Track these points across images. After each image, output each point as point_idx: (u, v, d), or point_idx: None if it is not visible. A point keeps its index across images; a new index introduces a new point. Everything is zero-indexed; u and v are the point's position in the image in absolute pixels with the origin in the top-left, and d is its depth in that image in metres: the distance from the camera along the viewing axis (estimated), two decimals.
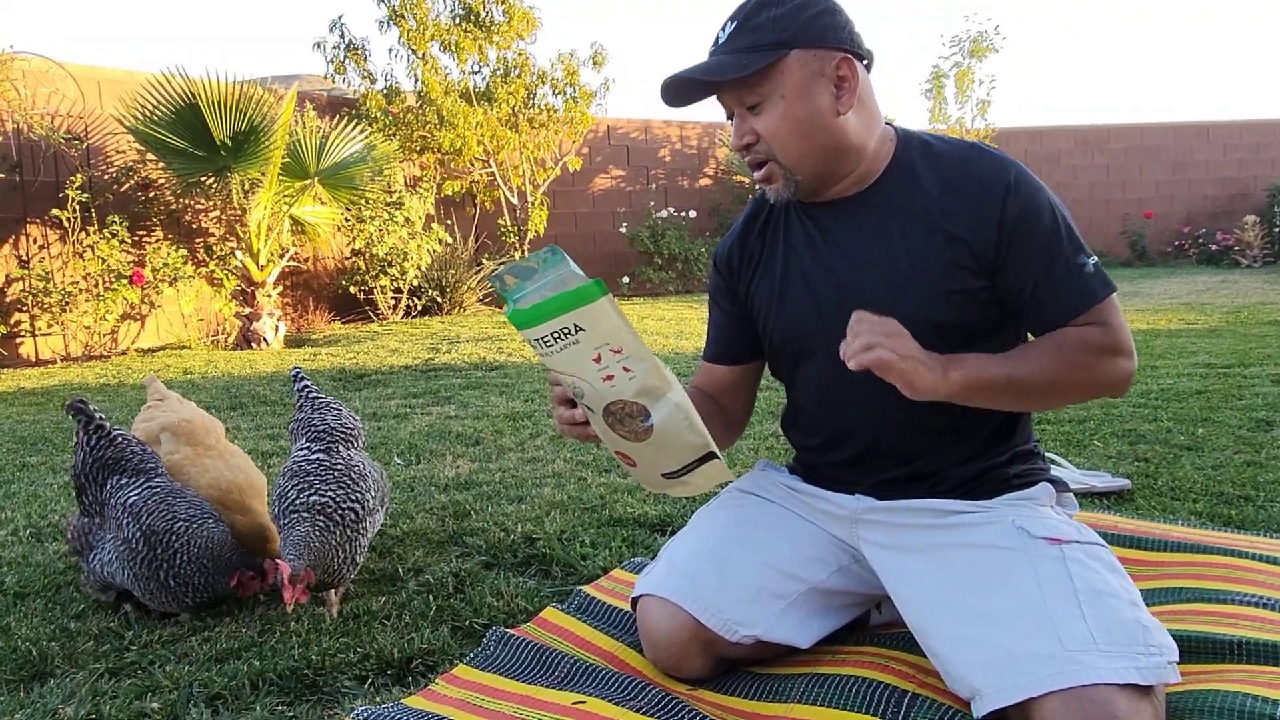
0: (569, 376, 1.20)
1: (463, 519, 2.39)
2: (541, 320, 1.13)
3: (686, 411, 1.23)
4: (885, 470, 1.50)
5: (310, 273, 8.28)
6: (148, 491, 1.85)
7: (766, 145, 1.38)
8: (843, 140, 1.39)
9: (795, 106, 1.35)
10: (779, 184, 1.41)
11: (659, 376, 1.20)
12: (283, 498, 1.84)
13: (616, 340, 1.15)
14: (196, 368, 5.50)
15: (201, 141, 6.31)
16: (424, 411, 3.88)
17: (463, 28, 8.66)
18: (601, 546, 2.13)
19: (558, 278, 1.20)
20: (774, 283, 1.54)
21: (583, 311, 1.12)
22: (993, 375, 1.30)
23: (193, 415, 2.13)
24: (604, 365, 1.17)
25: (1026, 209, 1.35)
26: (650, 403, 1.21)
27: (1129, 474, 2.57)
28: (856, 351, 1.24)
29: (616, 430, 1.25)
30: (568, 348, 1.15)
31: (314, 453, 1.94)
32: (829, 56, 1.35)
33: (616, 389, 1.19)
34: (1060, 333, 1.37)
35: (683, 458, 1.28)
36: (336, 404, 2.10)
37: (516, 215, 9.41)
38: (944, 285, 1.38)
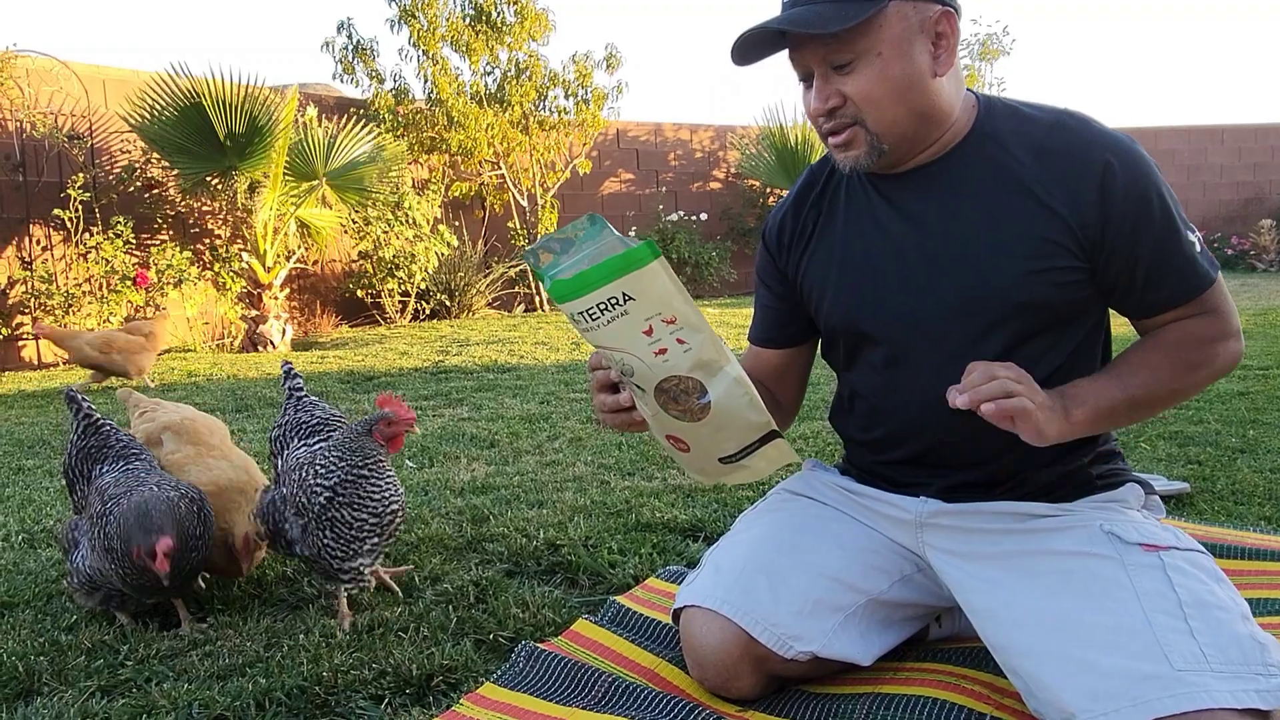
0: (617, 352, 1.09)
1: (481, 524, 2.25)
2: (586, 290, 1.02)
3: (746, 386, 1.12)
4: (954, 473, 1.36)
5: (317, 276, 8.17)
6: (122, 474, 1.73)
7: (855, 109, 1.23)
8: (936, 104, 1.25)
9: (892, 65, 1.20)
10: (860, 151, 1.26)
11: (716, 349, 1.09)
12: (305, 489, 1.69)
13: (669, 309, 1.04)
14: (201, 370, 5.37)
15: (206, 140, 6.20)
16: (435, 413, 3.75)
17: (474, 28, 8.56)
18: (630, 553, 1.99)
19: (598, 249, 1.08)
20: (830, 260, 1.40)
21: (633, 277, 1.01)
22: (1113, 402, 1.20)
23: (195, 415, 2.01)
24: (656, 337, 1.06)
25: (1134, 185, 1.21)
26: (707, 378, 1.10)
27: (1184, 477, 2.43)
28: (993, 393, 1.11)
29: (669, 410, 1.13)
30: (615, 320, 1.04)
31: (314, 446, 1.82)
32: (929, 9, 1.21)
33: (670, 363, 1.08)
34: (1169, 332, 1.26)
35: (742, 438, 1.17)
36: (322, 402, 2.01)
37: (526, 218, 9.29)
38: (1031, 262, 1.24)
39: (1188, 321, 1.25)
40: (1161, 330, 1.27)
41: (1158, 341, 1.26)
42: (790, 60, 1.27)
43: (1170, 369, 1.23)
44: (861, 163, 1.27)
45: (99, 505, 1.66)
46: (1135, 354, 1.27)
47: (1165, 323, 1.27)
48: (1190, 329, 1.25)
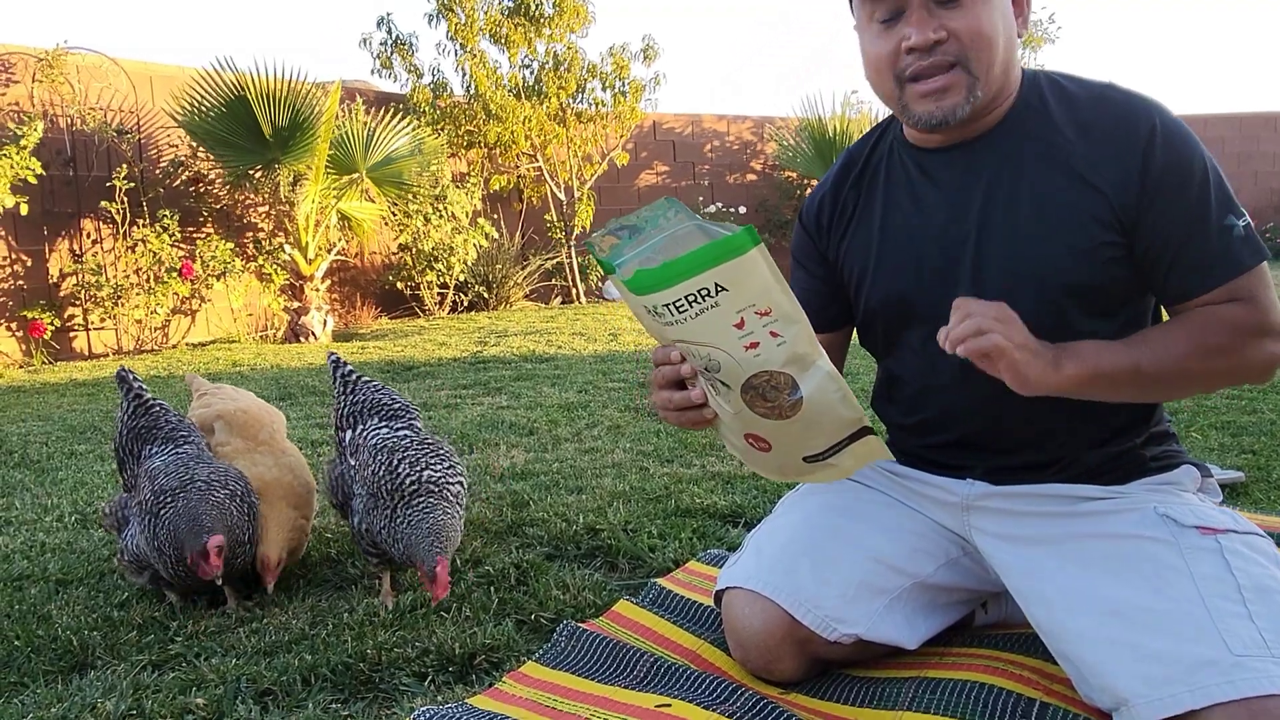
0: (703, 347, 1.01)
1: (521, 509, 2.26)
2: (674, 281, 0.93)
3: (839, 381, 1.04)
4: (1001, 455, 1.33)
5: (357, 268, 8.26)
6: (172, 457, 1.75)
7: (959, 47, 1.17)
8: (1012, 62, 1.23)
9: (998, 5, 1.18)
10: (959, 99, 1.19)
11: (811, 342, 1.01)
12: (392, 472, 1.68)
13: (765, 300, 0.96)
14: (245, 360, 5.46)
15: (249, 133, 6.30)
16: (475, 402, 3.77)
17: (512, 21, 8.58)
18: (670, 538, 1.98)
19: (673, 236, 1.01)
20: (870, 241, 1.38)
21: (729, 267, 0.92)
22: (1114, 365, 1.13)
23: (249, 405, 2.02)
24: (748, 330, 0.98)
25: (1173, 159, 1.17)
26: (799, 372, 1.02)
27: (1238, 467, 2.36)
28: (965, 335, 1.07)
29: (755, 408, 1.06)
30: (704, 312, 0.96)
31: (397, 430, 1.81)
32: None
33: (761, 358, 1.00)
34: (1196, 312, 1.19)
35: (832, 435, 1.09)
36: (389, 387, 1.99)
37: (563, 210, 9.31)
38: (1077, 241, 1.21)
39: (1219, 306, 1.18)
40: (1191, 310, 1.20)
41: (1183, 318, 1.20)
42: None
43: (1187, 346, 1.16)
44: (957, 113, 1.20)
45: (149, 492, 1.69)
46: (1156, 327, 1.22)
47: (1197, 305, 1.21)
48: (1220, 313, 1.17)
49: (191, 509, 1.63)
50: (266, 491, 1.87)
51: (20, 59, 6.19)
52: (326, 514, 2.25)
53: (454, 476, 1.70)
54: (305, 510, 1.94)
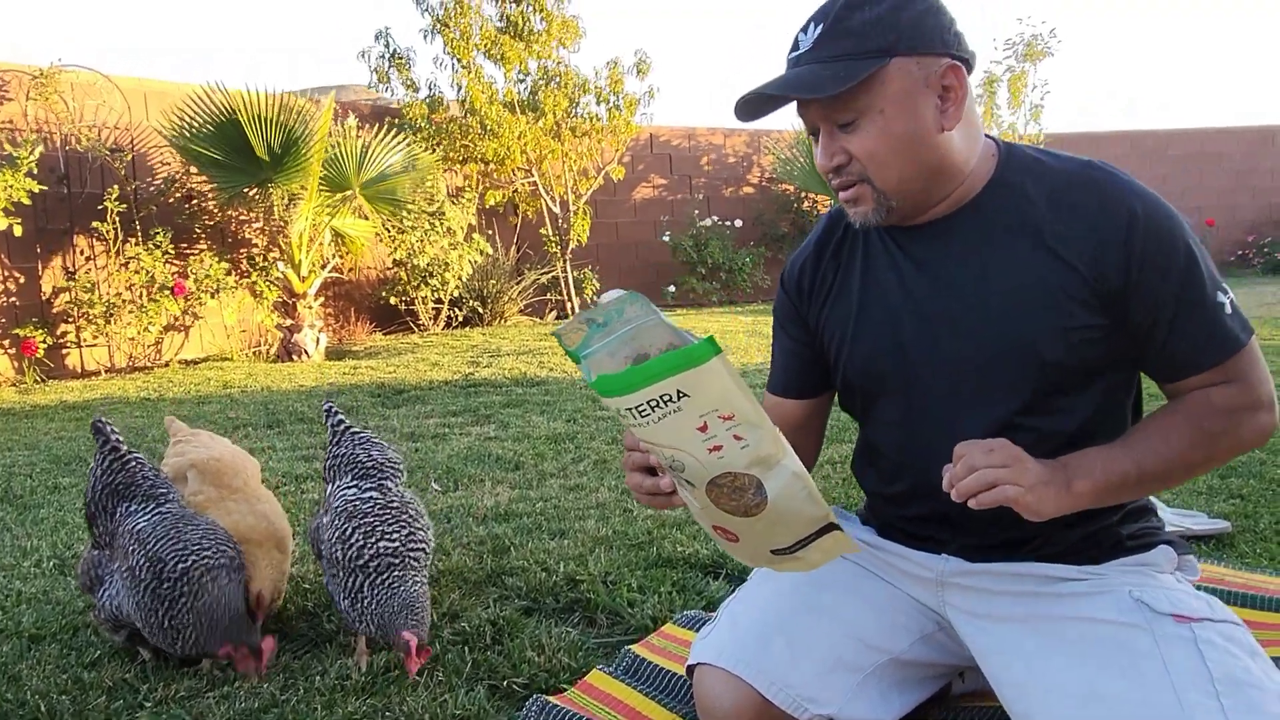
0: (666, 449, 1.02)
1: (501, 555, 2.25)
2: (635, 388, 0.94)
3: (805, 480, 1.04)
4: (977, 531, 1.32)
5: (351, 283, 8.25)
6: (157, 517, 1.74)
7: (860, 167, 1.20)
8: (946, 158, 1.21)
9: (895, 123, 1.17)
10: (868, 208, 1.23)
11: (775, 443, 1.01)
12: (344, 541, 1.69)
13: (727, 406, 0.96)
14: (236, 381, 5.44)
15: (242, 155, 6.28)
16: (463, 432, 3.75)
17: (505, 38, 8.59)
18: (650, 591, 1.97)
19: (639, 332, 1.01)
20: (849, 311, 1.37)
21: (690, 375, 0.93)
22: (1122, 472, 1.14)
23: (223, 454, 2.01)
24: (711, 434, 0.98)
25: (1157, 241, 1.16)
26: (763, 473, 1.03)
27: (1225, 513, 2.35)
28: (974, 489, 1.08)
29: (721, 505, 1.06)
30: (667, 416, 0.97)
31: (365, 491, 1.80)
32: (934, 63, 1.16)
33: (725, 460, 1.01)
34: (1191, 402, 1.19)
35: (798, 532, 1.09)
36: (377, 438, 1.97)
37: (559, 225, 9.31)
38: (1054, 320, 1.20)
39: (1212, 390, 1.18)
40: (1183, 398, 1.21)
41: (1177, 409, 1.20)
42: (798, 114, 1.24)
43: (1187, 439, 1.17)
44: (870, 219, 1.24)
45: (140, 558, 1.66)
46: (1152, 422, 1.21)
47: (1190, 389, 1.21)
48: (1213, 398, 1.18)
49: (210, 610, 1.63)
50: (246, 539, 1.86)
51: (14, 77, 6.18)
52: (305, 562, 2.24)
53: (415, 544, 1.68)
54: (284, 555, 1.93)
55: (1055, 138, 12.03)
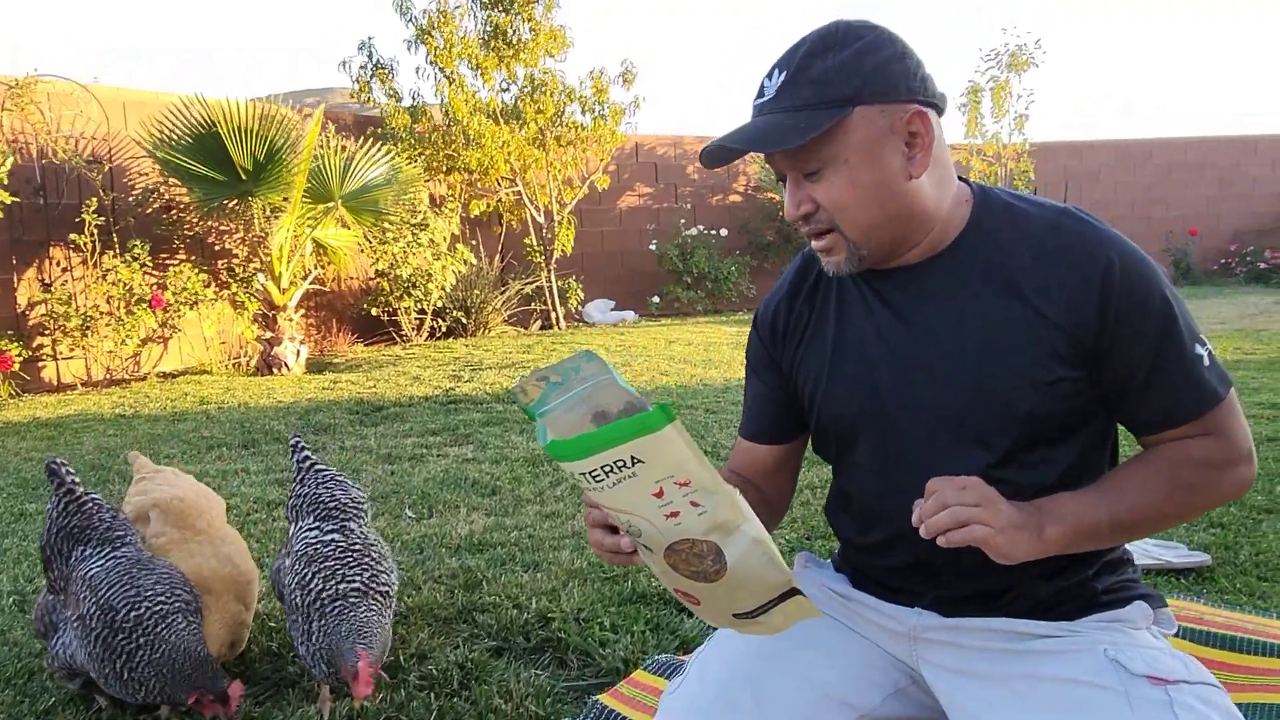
0: (622, 514, 1.01)
1: (473, 590, 2.20)
2: (588, 453, 0.92)
3: (765, 545, 1.03)
4: (951, 583, 1.29)
5: (334, 293, 8.18)
6: (111, 563, 1.68)
7: (828, 215, 1.17)
8: (915, 205, 1.18)
9: (861, 172, 1.14)
10: (840, 256, 1.20)
11: (733, 509, 1.00)
12: (304, 586, 1.65)
13: (683, 472, 0.95)
14: (213, 397, 5.37)
15: (222, 166, 6.22)
16: (440, 453, 3.71)
17: (490, 46, 8.55)
18: (623, 630, 1.93)
19: (594, 392, 1.00)
20: (824, 355, 1.33)
21: (643, 442, 0.92)
22: (1095, 520, 1.11)
23: (186, 493, 1.96)
24: (667, 500, 0.96)
25: (1133, 293, 1.14)
26: (722, 539, 1.01)
27: (1205, 544, 2.33)
28: (944, 526, 1.05)
29: (680, 570, 1.05)
30: (622, 482, 0.95)
31: (326, 533, 1.76)
32: (899, 110, 1.14)
33: (682, 527, 0.99)
34: (1169, 452, 1.16)
35: (760, 596, 1.07)
36: (342, 476, 1.93)
37: (543, 234, 9.27)
38: (1029, 373, 1.17)
39: (1190, 442, 1.16)
40: (1161, 448, 1.19)
41: (1154, 459, 1.18)
42: (766, 162, 1.22)
43: (1163, 491, 1.15)
44: (843, 268, 1.22)
45: (91, 605, 1.61)
46: (1128, 470, 1.19)
47: (1168, 440, 1.18)
48: (1191, 450, 1.16)
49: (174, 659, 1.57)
50: (206, 585, 1.81)
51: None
52: (270, 598, 2.19)
53: (379, 584, 1.64)
54: (246, 600, 1.88)
55: (1040, 146, 12.08)
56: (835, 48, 1.15)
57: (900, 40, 1.19)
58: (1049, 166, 12.39)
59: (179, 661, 1.58)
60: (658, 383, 5.38)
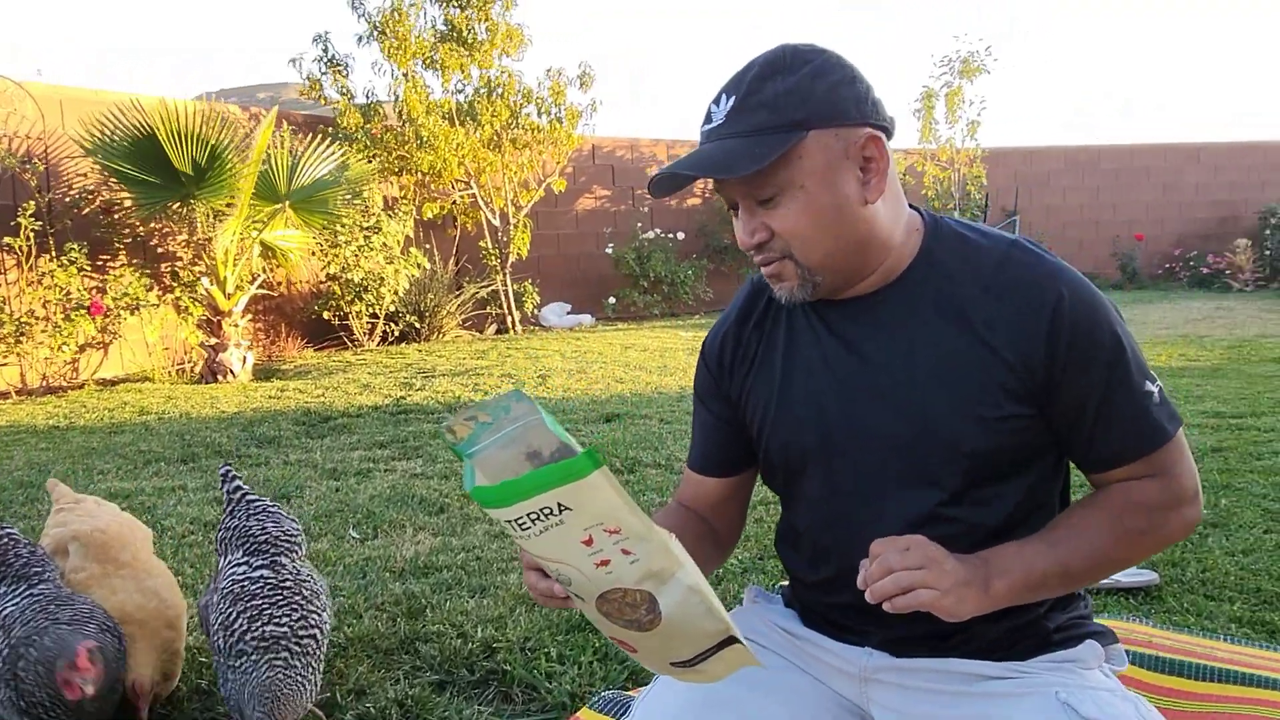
0: (550, 562, 0.97)
1: (417, 617, 2.13)
2: (512, 501, 0.89)
3: (702, 593, 0.99)
4: (899, 624, 1.24)
5: (283, 297, 8.00)
6: (28, 600, 1.59)
7: (783, 243, 1.13)
8: (871, 232, 1.15)
9: (818, 198, 1.10)
10: (793, 284, 1.17)
11: (666, 556, 0.96)
12: (227, 627, 1.57)
13: (613, 519, 0.91)
14: (154, 407, 5.20)
15: (162, 170, 6.03)
16: (388, 467, 3.61)
17: (446, 45, 8.43)
18: (570, 661, 1.87)
19: (522, 430, 0.97)
20: (772, 386, 1.29)
21: (570, 489, 0.88)
22: (1042, 571, 1.09)
23: (108, 524, 1.86)
24: (597, 548, 0.93)
25: (1083, 327, 1.11)
26: (656, 588, 0.97)
27: (1153, 561, 2.34)
28: (888, 592, 1.03)
29: (613, 619, 1.01)
30: (549, 529, 0.91)
31: (255, 569, 1.67)
32: (853, 134, 1.10)
33: (614, 575, 0.95)
34: (1114, 496, 1.15)
35: (698, 645, 1.04)
36: (275, 508, 1.84)
37: (498, 237, 9.17)
38: (981, 409, 1.14)
39: (1136, 485, 1.15)
40: (1107, 491, 1.17)
41: (1101, 503, 1.16)
42: (715, 190, 1.17)
43: (1110, 536, 1.13)
44: (796, 296, 1.18)
45: (4, 648, 1.52)
46: (1075, 516, 1.16)
47: (1115, 479, 1.17)
48: (1138, 494, 1.14)
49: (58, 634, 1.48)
50: (130, 621, 1.71)
51: None
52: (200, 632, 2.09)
53: (306, 628, 1.56)
54: (175, 637, 1.79)
55: (992, 151, 12.25)
56: (785, 71, 1.11)
57: (849, 64, 1.16)
58: (1001, 171, 12.57)
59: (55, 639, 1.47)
60: (613, 390, 5.33)
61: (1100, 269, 12.96)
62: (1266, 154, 13.44)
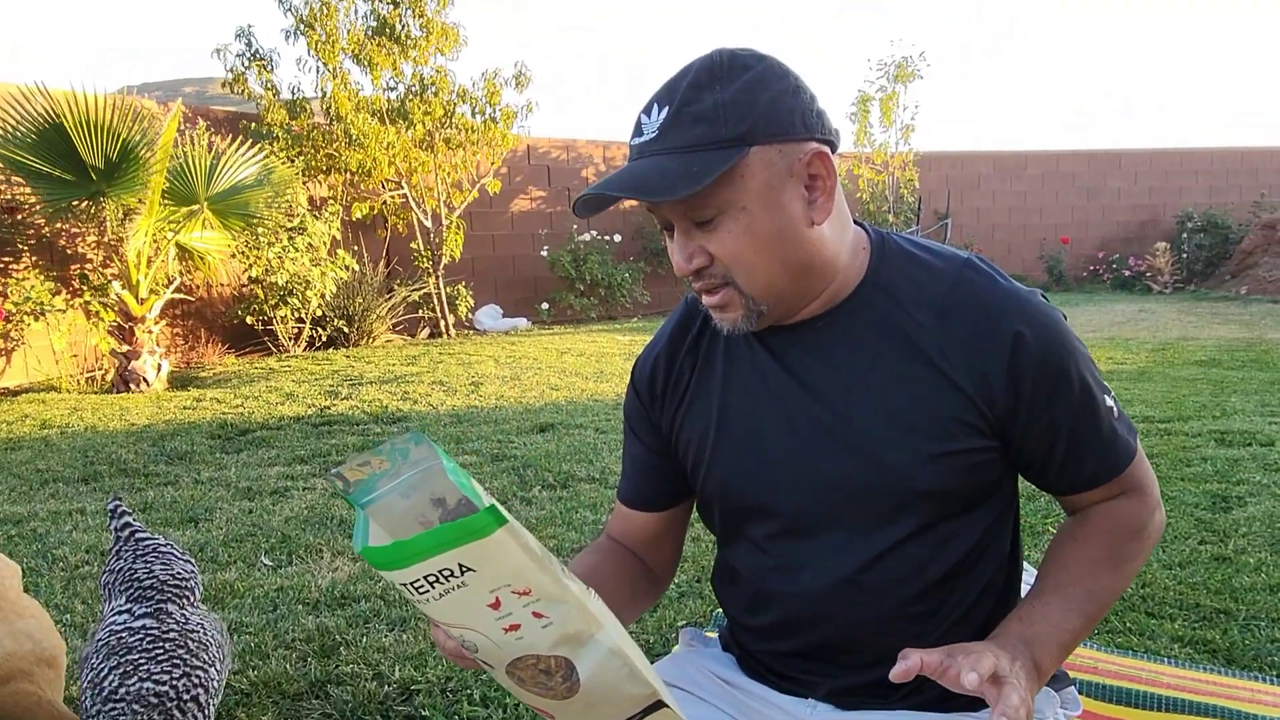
0: (454, 628, 0.86)
1: (329, 656, 1.98)
2: (408, 562, 0.78)
3: (624, 656, 0.89)
4: (847, 672, 1.16)
5: (203, 301, 7.66)
6: None
7: (724, 268, 1.03)
8: (817, 255, 1.05)
9: (761, 220, 1.00)
10: (737, 314, 1.06)
11: (584, 617, 0.87)
12: (96, 685, 1.40)
13: (521, 580, 0.81)
14: (57, 419, 4.89)
15: (69, 165, 5.69)
16: (307, 485, 3.42)
17: (376, 41, 8.17)
18: (494, 705, 1.75)
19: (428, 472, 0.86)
20: (708, 418, 1.19)
21: (472, 549, 0.78)
22: (1074, 630, 1.05)
23: None
24: (505, 611, 0.83)
25: (1047, 358, 1.04)
26: (574, 652, 0.87)
27: None
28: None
29: (527, 689, 0.91)
30: (450, 592, 0.81)
31: (137, 618, 1.51)
32: (798, 150, 1.00)
33: (525, 641, 0.85)
34: (1098, 522, 1.11)
35: (623, 711, 0.93)
36: (168, 547, 1.67)
37: (430, 239, 8.94)
38: (936, 444, 1.05)
39: (1114, 505, 1.10)
40: (1089, 520, 1.11)
41: (1090, 537, 1.10)
42: (649, 210, 1.06)
43: (1112, 570, 1.09)
44: (740, 326, 1.08)
45: None
46: (1072, 557, 1.10)
47: (1089, 502, 1.12)
48: (1119, 517, 1.10)
49: None
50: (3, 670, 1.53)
51: None
52: None
53: (190, 686, 1.40)
54: (54, 683, 1.62)
55: (926, 156, 12.43)
56: (723, 80, 1.00)
57: (792, 72, 1.05)
58: (933, 175, 12.77)
59: None
60: (547, 398, 5.19)
61: (1028, 271, 13.25)
62: (1183, 160, 13.90)
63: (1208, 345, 6.80)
